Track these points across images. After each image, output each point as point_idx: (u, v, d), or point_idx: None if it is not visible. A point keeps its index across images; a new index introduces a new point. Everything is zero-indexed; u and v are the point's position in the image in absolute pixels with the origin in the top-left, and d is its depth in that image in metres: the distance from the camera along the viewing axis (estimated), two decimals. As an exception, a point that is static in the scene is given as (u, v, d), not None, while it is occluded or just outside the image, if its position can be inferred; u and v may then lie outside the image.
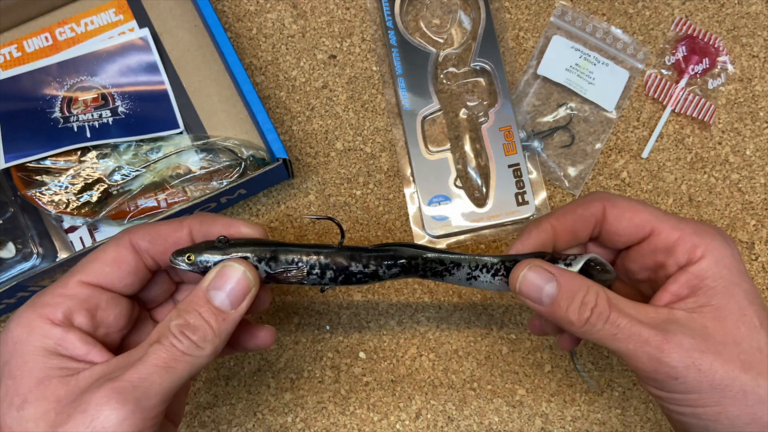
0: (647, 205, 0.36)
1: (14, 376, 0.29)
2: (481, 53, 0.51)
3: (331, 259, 0.35)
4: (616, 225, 0.36)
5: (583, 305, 0.33)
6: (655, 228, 0.35)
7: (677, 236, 0.34)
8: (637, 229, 0.35)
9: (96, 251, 0.33)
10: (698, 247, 0.33)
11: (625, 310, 0.33)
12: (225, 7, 0.54)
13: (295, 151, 0.52)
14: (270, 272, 0.34)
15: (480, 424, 0.48)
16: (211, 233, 0.35)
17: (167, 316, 0.31)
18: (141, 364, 0.29)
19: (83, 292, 0.32)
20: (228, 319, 0.32)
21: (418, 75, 0.51)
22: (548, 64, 0.52)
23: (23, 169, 0.49)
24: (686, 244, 0.34)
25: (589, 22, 0.52)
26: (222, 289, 0.32)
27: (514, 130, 0.50)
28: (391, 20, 0.52)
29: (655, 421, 0.48)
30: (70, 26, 0.53)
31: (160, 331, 0.30)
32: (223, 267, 0.33)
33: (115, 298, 0.33)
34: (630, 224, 0.36)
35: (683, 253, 0.34)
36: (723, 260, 0.33)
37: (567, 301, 0.34)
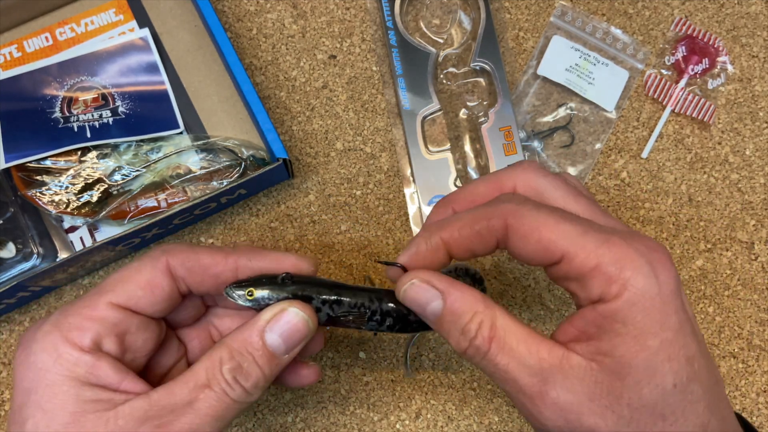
0: (564, 220, 0.29)
1: (45, 409, 0.27)
2: (481, 53, 0.51)
3: (393, 306, 0.34)
4: (520, 246, 0.29)
5: (463, 334, 0.29)
6: (567, 253, 0.28)
7: (592, 265, 0.27)
8: (545, 252, 0.29)
9: (129, 269, 0.31)
10: (615, 282, 0.27)
11: (510, 347, 0.28)
12: (225, 7, 0.54)
13: (295, 151, 0.52)
14: (332, 315, 0.32)
15: (480, 423, 0.48)
16: (259, 270, 0.32)
17: (216, 353, 0.29)
18: (191, 412, 0.27)
19: (113, 315, 0.29)
20: (280, 364, 0.30)
21: (418, 75, 0.51)
22: (548, 64, 0.52)
23: (23, 169, 0.49)
24: (601, 277, 0.27)
25: (589, 22, 0.52)
26: (279, 334, 0.30)
27: (514, 130, 0.50)
28: (391, 20, 0.52)
29: (655, 420, 0.48)
30: (71, 26, 0.53)
31: (209, 374, 0.28)
32: (283, 310, 0.30)
33: (145, 322, 0.31)
34: (537, 246, 0.29)
35: (596, 288, 0.27)
36: (641, 301, 0.27)
37: (449, 324, 0.29)
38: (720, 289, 0.50)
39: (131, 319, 0.30)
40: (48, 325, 0.28)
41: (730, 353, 0.49)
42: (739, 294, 0.50)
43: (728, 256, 0.50)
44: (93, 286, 0.50)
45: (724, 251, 0.50)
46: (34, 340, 0.28)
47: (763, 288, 0.50)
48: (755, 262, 0.50)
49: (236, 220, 0.51)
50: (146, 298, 0.30)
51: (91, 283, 0.50)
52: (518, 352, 0.28)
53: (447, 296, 0.29)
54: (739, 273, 0.50)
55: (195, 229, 0.51)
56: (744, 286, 0.50)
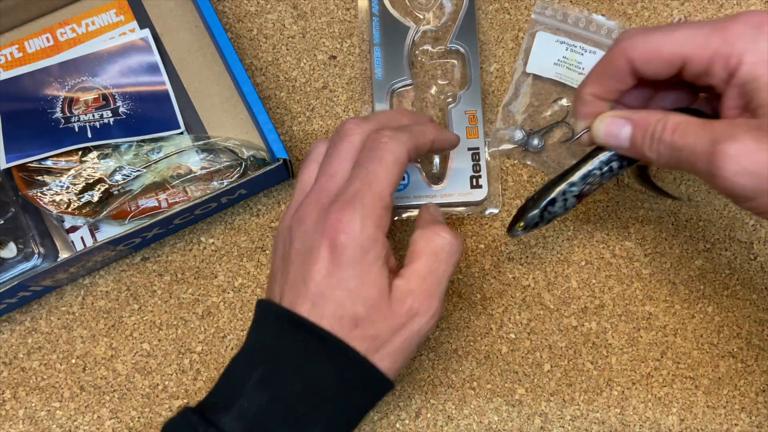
0: (671, 31, 0.34)
1: (364, 282, 0.34)
2: (459, 36, 0.52)
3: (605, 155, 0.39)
4: (647, 69, 0.35)
5: (653, 139, 0.35)
6: (686, 56, 0.34)
7: (709, 55, 0.33)
8: (669, 65, 0.35)
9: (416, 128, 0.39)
10: (731, 56, 0.32)
11: (686, 130, 0.33)
12: (225, 8, 0.54)
13: (295, 152, 0.52)
14: (581, 192, 0.40)
15: (479, 423, 0.48)
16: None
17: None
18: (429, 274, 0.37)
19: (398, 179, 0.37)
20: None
21: (395, 47, 0.52)
22: (536, 61, 0.52)
23: (24, 169, 0.49)
24: (720, 60, 0.32)
25: (570, 14, 0.52)
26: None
27: (479, 115, 0.51)
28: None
29: (654, 420, 0.48)
30: (71, 27, 0.53)
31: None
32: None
33: None
34: (660, 64, 0.35)
35: (721, 70, 0.33)
36: (761, 56, 0.32)
37: (641, 139, 0.36)
38: (719, 288, 0.50)
39: None
40: (364, 214, 0.35)
41: (729, 353, 0.49)
42: (738, 294, 0.50)
43: (727, 256, 0.50)
44: (93, 286, 0.50)
45: (723, 251, 0.50)
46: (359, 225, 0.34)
47: (762, 288, 0.50)
48: (754, 262, 0.50)
49: (237, 220, 0.51)
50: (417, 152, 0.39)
51: (92, 283, 0.50)
52: (694, 131, 0.33)
53: (631, 119, 0.36)
54: (738, 273, 0.50)
55: (195, 229, 0.51)
56: (743, 286, 0.50)
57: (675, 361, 0.49)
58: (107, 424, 0.48)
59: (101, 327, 0.50)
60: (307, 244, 0.36)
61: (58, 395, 0.48)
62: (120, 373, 0.49)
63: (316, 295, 0.34)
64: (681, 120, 0.34)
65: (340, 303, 0.34)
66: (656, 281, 0.50)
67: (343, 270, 0.34)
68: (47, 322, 0.50)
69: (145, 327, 0.50)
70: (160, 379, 0.49)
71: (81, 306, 0.50)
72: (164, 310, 0.50)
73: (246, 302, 0.50)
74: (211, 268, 0.50)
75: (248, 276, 0.50)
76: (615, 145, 0.38)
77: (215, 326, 0.49)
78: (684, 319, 0.49)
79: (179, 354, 0.49)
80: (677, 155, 0.34)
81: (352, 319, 0.34)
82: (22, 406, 0.48)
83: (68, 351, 0.49)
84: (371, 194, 0.35)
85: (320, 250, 0.35)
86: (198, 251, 0.51)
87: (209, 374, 0.49)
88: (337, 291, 0.34)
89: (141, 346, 0.49)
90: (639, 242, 0.50)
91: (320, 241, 0.35)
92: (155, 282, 0.50)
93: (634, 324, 0.49)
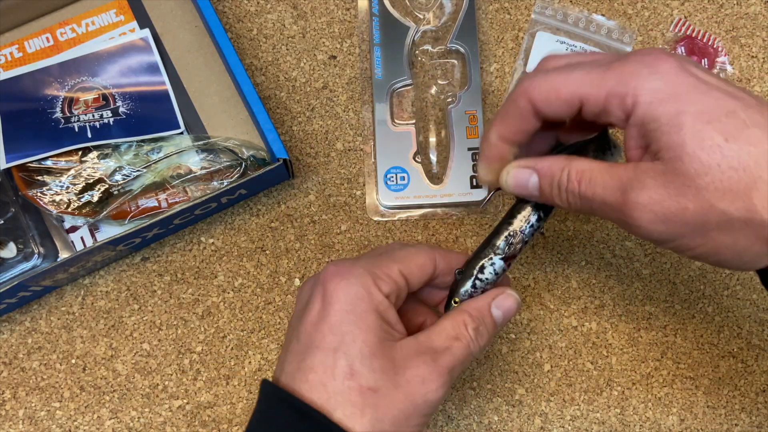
0: (569, 71, 0.33)
1: (360, 328, 0.33)
2: (459, 36, 0.52)
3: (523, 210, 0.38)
4: (548, 110, 0.34)
5: (559, 188, 0.34)
6: (583, 96, 0.33)
7: (605, 94, 0.32)
8: (568, 105, 0.33)
9: (410, 251, 0.38)
10: (626, 95, 0.31)
11: (594, 180, 0.33)
12: (225, 7, 0.54)
13: (295, 152, 0.52)
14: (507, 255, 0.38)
15: (479, 423, 0.48)
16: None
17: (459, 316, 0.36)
18: (450, 354, 0.34)
19: (400, 280, 0.36)
20: (497, 333, 0.39)
21: (395, 47, 0.52)
22: (536, 61, 0.52)
23: (24, 169, 0.49)
24: (615, 99, 0.31)
25: (570, 13, 0.52)
26: (502, 310, 0.37)
27: (479, 115, 0.51)
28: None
29: (654, 420, 0.48)
30: (71, 27, 0.53)
31: (456, 330, 0.35)
32: (503, 292, 0.38)
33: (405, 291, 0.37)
34: (559, 104, 0.34)
35: (618, 109, 0.32)
36: (656, 96, 0.30)
37: (548, 188, 0.35)
38: (719, 288, 0.50)
39: (405, 285, 0.37)
40: (361, 269, 0.35)
41: (729, 353, 0.49)
42: (738, 294, 0.50)
43: (727, 256, 0.50)
44: (93, 286, 0.50)
45: (723, 251, 0.50)
46: (352, 275, 0.34)
47: (762, 288, 0.50)
48: (754, 262, 0.50)
49: (237, 220, 0.51)
50: (417, 277, 0.37)
51: (92, 283, 0.50)
52: (601, 181, 0.33)
53: (536, 168, 0.35)
54: (738, 273, 0.50)
55: (195, 229, 0.51)
56: (743, 286, 0.50)
57: (675, 361, 0.49)
58: (107, 424, 0.48)
59: (101, 327, 0.50)
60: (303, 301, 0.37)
61: (58, 395, 0.48)
62: (120, 373, 0.49)
63: (306, 348, 0.33)
64: (585, 168, 0.33)
65: (332, 350, 0.33)
66: (656, 281, 0.50)
67: (335, 315, 0.33)
68: (47, 322, 0.50)
69: (145, 327, 0.50)
70: (160, 379, 0.49)
71: (81, 306, 0.50)
72: (164, 310, 0.50)
73: (246, 302, 0.50)
74: (211, 268, 0.50)
75: (248, 276, 0.50)
76: (526, 195, 0.37)
77: (215, 326, 0.49)
78: (684, 319, 0.49)
79: (179, 354, 0.49)
80: (589, 205, 0.33)
81: (346, 367, 0.32)
82: (22, 406, 0.48)
83: (68, 351, 0.49)
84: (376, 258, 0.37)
85: (313, 300, 0.35)
86: (198, 251, 0.51)
87: (209, 374, 0.49)
88: (328, 338, 0.33)
89: (141, 346, 0.49)
90: (639, 242, 0.50)
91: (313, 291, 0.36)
92: (155, 282, 0.50)
93: (634, 324, 0.49)
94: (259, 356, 0.49)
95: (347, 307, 0.33)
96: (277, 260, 0.50)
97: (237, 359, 0.49)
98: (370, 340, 0.33)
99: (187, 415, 0.48)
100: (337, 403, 0.31)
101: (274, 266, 0.50)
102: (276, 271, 0.50)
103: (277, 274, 0.50)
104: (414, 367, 0.33)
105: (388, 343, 0.34)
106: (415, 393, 0.32)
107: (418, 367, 0.33)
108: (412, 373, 0.33)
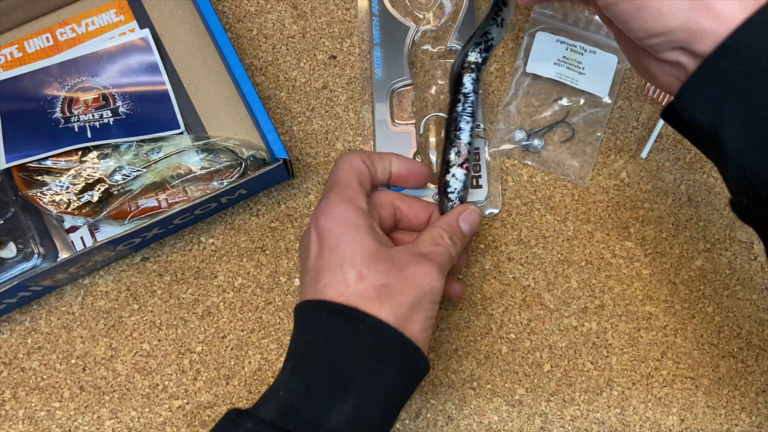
0: None
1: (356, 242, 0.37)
2: (459, 36, 0.52)
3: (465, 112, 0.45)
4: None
5: None
6: None
7: None
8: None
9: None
10: None
11: None
12: (225, 7, 0.54)
13: (295, 151, 0.52)
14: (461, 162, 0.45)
15: (479, 423, 0.48)
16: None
17: (435, 229, 0.40)
18: (437, 255, 0.39)
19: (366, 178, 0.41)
20: (464, 244, 0.42)
21: (395, 47, 0.52)
22: (536, 60, 0.52)
23: (24, 169, 0.49)
24: None
25: (570, 13, 0.52)
26: (467, 222, 0.42)
27: (479, 116, 0.51)
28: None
29: (654, 420, 0.48)
30: (71, 27, 0.53)
31: (435, 239, 0.40)
32: (467, 208, 0.43)
33: None
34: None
35: None
36: None
37: None
38: (719, 288, 0.50)
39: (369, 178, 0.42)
40: (334, 197, 0.38)
41: (729, 353, 0.49)
42: (738, 294, 0.50)
43: (727, 256, 0.50)
44: (93, 286, 0.50)
45: (723, 251, 0.50)
46: (332, 204, 0.38)
47: (762, 288, 0.50)
48: (754, 262, 0.50)
49: (236, 220, 0.51)
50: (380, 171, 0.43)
51: (92, 283, 0.50)
52: None
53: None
54: (738, 273, 0.50)
55: (195, 229, 0.51)
56: (743, 286, 0.50)
57: (675, 361, 0.49)
58: (107, 424, 0.48)
59: (101, 327, 0.50)
60: (303, 247, 0.40)
61: (58, 395, 0.48)
62: (120, 373, 0.49)
63: (317, 275, 0.36)
64: None
65: (337, 267, 0.36)
66: (656, 281, 0.50)
67: (332, 241, 0.37)
68: (47, 322, 0.50)
69: (145, 327, 0.50)
70: (159, 379, 0.49)
71: (81, 306, 0.50)
72: (164, 310, 0.50)
73: (246, 302, 0.50)
74: (211, 268, 0.50)
75: (248, 276, 0.50)
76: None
77: (215, 326, 0.49)
78: (684, 319, 0.49)
79: (179, 354, 0.49)
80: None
81: (355, 273, 0.35)
82: (22, 406, 0.48)
83: (68, 351, 0.49)
84: (338, 185, 0.39)
85: (311, 240, 0.38)
86: (198, 251, 0.51)
87: (209, 374, 0.49)
88: (331, 259, 0.36)
89: (141, 346, 0.49)
90: (639, 242, 0.50)
91: (308, 235, 0.39)
92: (155, 282, 0.50)
93: (635, 324, 0.49)
94: (259, 356, 0.49)
95: (339, 230, 0.37)
96: (277, 260, 0.50)
97: (237, 359, 0.49)
98: (368, 249, 0.36)
99: (187, 415, 0.48)
100: (358, 302, 0.35)
101: (274, 266, 0.50)
102: (276, 271, 0.50)
103: (277, 274, 0.50)
104: (413, 264, 0.37)
105: (384, 249, 0.37)
106: (421, 282, 0.36)
107: (416, 264, 0.37)
108: (413, 269, 0.37)
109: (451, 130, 0.45)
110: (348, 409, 0.33)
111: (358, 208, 0.38)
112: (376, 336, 0.35)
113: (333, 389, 0.34)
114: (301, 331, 0.37)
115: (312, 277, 0.37)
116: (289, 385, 0.35)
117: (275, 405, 0.34)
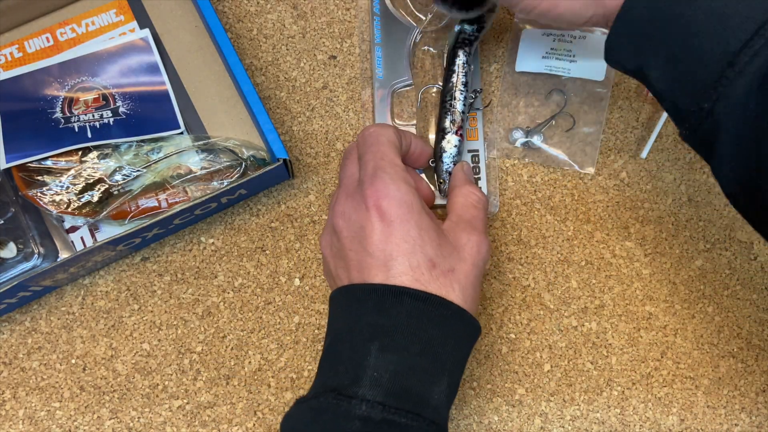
0: None
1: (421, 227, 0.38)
2: None
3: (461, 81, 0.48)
4: None
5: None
6: None
7: None
8: None
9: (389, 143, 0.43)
10: None
11: None
12: (225, 8, 0.54)
13: (295, 152, 0.52)
14: (455, 130, 0.48)
15: (479, 423, 0.48)
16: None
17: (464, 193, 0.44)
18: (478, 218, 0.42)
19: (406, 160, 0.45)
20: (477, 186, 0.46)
21: (396, 47, 0.52)
22: (524, 58, 0.52)
23: (24, 169, 0.49)
24: None
25: None
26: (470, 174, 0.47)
27: (479, 116, 0.51)
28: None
29: (654, 420, 0.48)
30: (71, 27, 0.53)
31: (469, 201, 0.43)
32: (464, 164, 0.47)
33: None
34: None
35: None
36: None
37: None
38: (719, 288, 0.50)
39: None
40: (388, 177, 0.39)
41: (729, 353, 0.49)
42: (738, 294, 0.50)
43: (727, 255, 0.50)
44: (93, 286, 0.50)
45: (723, 251, 0.50)
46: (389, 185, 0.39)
47: (762, 288, 0.50)
48: (754, 262, 0.50)
49: (237, 220, 0.51)
50: (406, 145, 0.45)
51: (92, 283, 0.50)
52: None
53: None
54: (738, 273, 0.50)
55: (195, 229, 0.51)
56: (743, 286, 0.50)
57: (675, 361, 0.49)
58: (107, 424, 0.48)
59: (101, 327, 0.50)
60: (355, 226, 0.39)
61: (58, 395, 0.48)
62: (120, 373, 0.49)
63: (386, 260, 0.37)
64: None
65: (410, 253, 0.37)
66: (656, 281, 0.50)
67: (400, 227, 0.38)
68: (47, 322, 0.50)
69: (145, 327, 0.50)
70: (160, 379, 0.49)
71: (81, 306, 0.50)
72: (164, 310, 0.50)
73: (246, 302, 0.50)
74: (211, 268, 0.50)
75: (248, 276, 0.50)
76: None
77: (215, 326, 0.49)
78: (684, 319, 0.49)
79: (179, 354, 0.49)
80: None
81: (427, 261, 0.37)
82: (22, 406, 0.48)
83: (68, 351, 0.49)
84: (387, 163, 0.40)
85: (371, 222, 0.38)
86: (198, 251, 0.51)
87: (209, 374, 0.49)
88: (403, 246, 0.37)
89: (141, 346, 0.49)
90: (639, 242, 0.50)
91: (366, 215, 0.38)
92: (155, 282, 0.50)
93: (634, 324, 0.49)
94: (259, 356, 0.49)
95: (404, 215, 0.38)
96: (277, 260, 0.50)
97: (237, 359, 0.49)
98: (432, 235, 0.38)
99: (187, 415, 0.48)
100: (434, 289, 0.37)
101: (274, 266, 0.50)
102: (276, 271, 0.50)
103: (277, 274, 0.50)
104: (466, 240, 0.40)
105: (440, 230, 0.39)
106: (476, 258, 0.39)
107: (468, 238, 0.40)
108: (467, 245, 0.40)
109: (447, 99, 0.48)
110: (443, 389, 0.36)
111: (411, 188, 0.39)
112: (459, 321, 0.37)
113: (433, 370, 0.36)
114: (376, 314, 0.37)
115: (380, 260, 0.37)
116: (388, 367, 0.35)
117: (377, 386, 0.35)
